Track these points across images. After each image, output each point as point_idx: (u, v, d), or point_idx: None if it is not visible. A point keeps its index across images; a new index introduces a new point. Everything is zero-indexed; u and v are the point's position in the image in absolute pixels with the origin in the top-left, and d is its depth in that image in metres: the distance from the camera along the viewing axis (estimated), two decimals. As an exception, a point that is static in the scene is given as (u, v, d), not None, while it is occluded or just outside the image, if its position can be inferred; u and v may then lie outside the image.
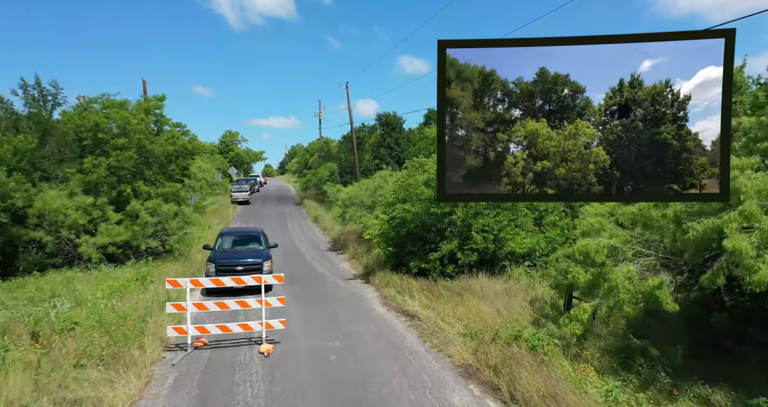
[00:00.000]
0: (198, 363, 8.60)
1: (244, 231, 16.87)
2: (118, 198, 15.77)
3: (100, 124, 15.72)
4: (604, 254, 8.14)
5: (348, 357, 8.96)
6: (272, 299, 9.61)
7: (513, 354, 8.04)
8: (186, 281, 9.06)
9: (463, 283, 13.06)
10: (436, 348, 9.55)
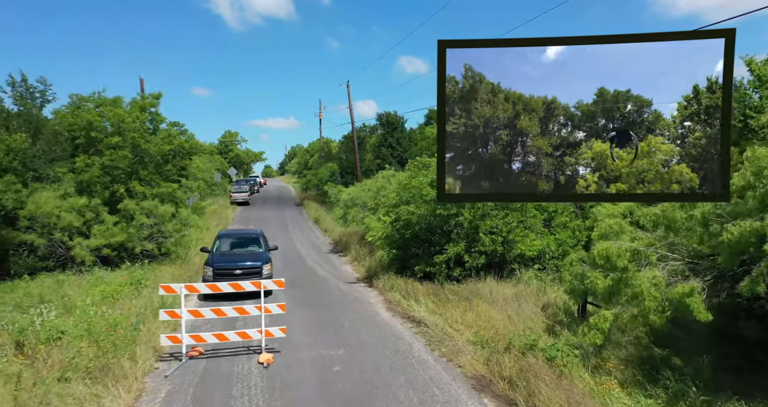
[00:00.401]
0: (193, 375, 8.07)
1: (243, 233, 16.34)
2: (112, 199, 15.24)
3: (93, 122, 15.20)
4: (627, 259, 7.62)
5: (353, 367, 8.43)
6: (272, 306, 9.08)
7: (530, 366, 7.51)
8: (181, 287, 8.54)
9: (471, 287, 12.55)
10: (445, 357, 9.03)
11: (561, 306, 10.92)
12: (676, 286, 6.94)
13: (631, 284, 7.38)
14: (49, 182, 15.01)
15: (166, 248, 16.06)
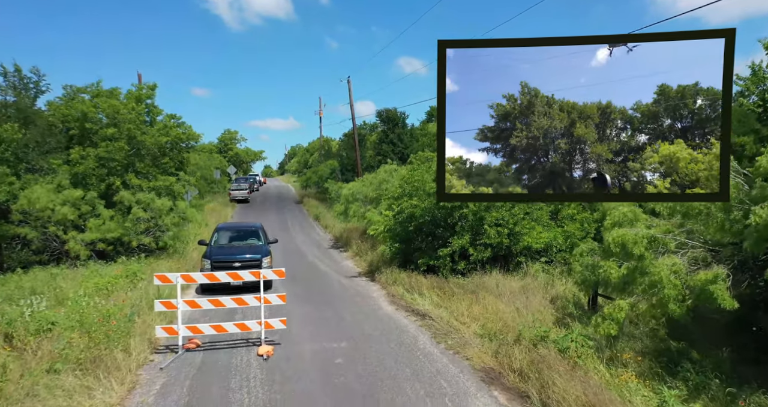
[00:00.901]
0: (189, 367, 7.72)
1: (241, 226, 15.95)
2: (108, 192, 14.89)
3: (87, 113, 14.86)
4: (644, 246, 7.28)
5: (356, 359, 8.09)
6: (272, 297, 8.74)
7: (542, 357, 7.16)
8: (176, 277, 8.19)
9: (477, 280, 12.21)
10: (452, 349, 8.68)
11: (570, 298, 10.59)
12: (697, 273, 6.61)
13: (648, 273, 7.05)
14: (43, 174, 14.65)
15: (163, 243, 15.69)
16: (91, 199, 14.20)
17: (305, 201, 39.26)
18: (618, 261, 8.08)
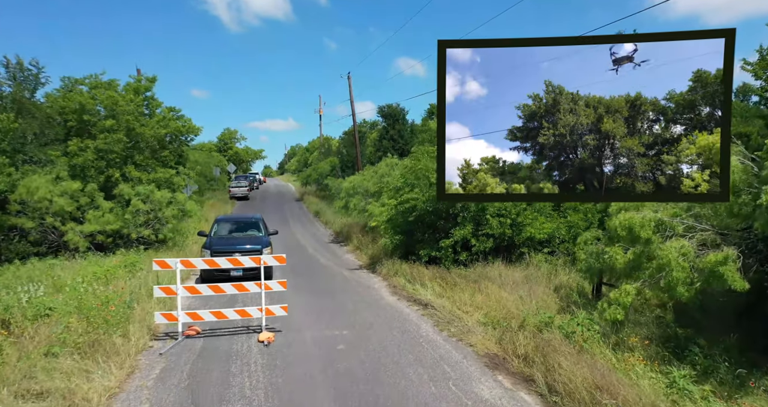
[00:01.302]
0: (189, 353, 7.60)
1: (241, 218, 15.82)
2: (107, 184, 14.77)
3: (85, 105, 14.73)
4: (651, 230, 7.17)
5: (358, 346, 7.97)
6: (273, 283, 8.64)
7: (547, 342, 7.05)
8: (176, 262, 8.08)
9: (479, 271, 12.11)
10: (454, 337, 8.57)
11: (574, 287, 10.49)
12: (706, 255, 6.50)
13: (656, 256, 6.95)
14: (41, 166, 14.52)
15: (163, 235, 15.57)
16: (90, 191, 14.07)
17: (305, 198, 39.16)
18: (624, 247, 7.98)
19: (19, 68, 15.37)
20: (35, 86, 15.73)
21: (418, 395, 6.18)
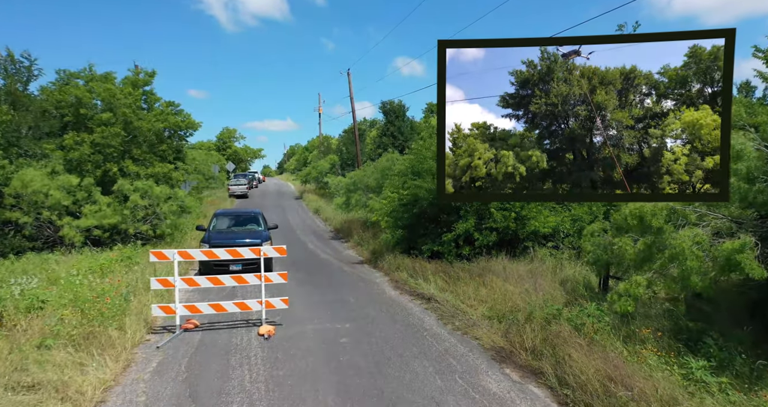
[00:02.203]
0: (187, 346, 7.39)
1: (240, 212, 15.56)
2: (104, 178, 14.52)
3: (82, 98, 14.49)
4: (663, 218, 6.96)
5: (361, 339, 7.76)
6: (273, 275, 8.42)
7: (556, 334, 6.85)
8: (173, 253, 7.86)
9: (483, 265, 11.88)
10: (459, 330, 8.37)
11: (581, 280, 10.27)
12: (722, 244, 6.28)
13: (669, 245, 6.72)
14: (37, 160, 14.27)
15: (161, 231, 15.35)
16: (87, 185, 13.83)
17: (305, 196, 38.93)
18: (633, 237, 7.77)
19: (9, 60, 15.10)
20: (28, 79, 15.44)
21: (423, 388, 5.97)
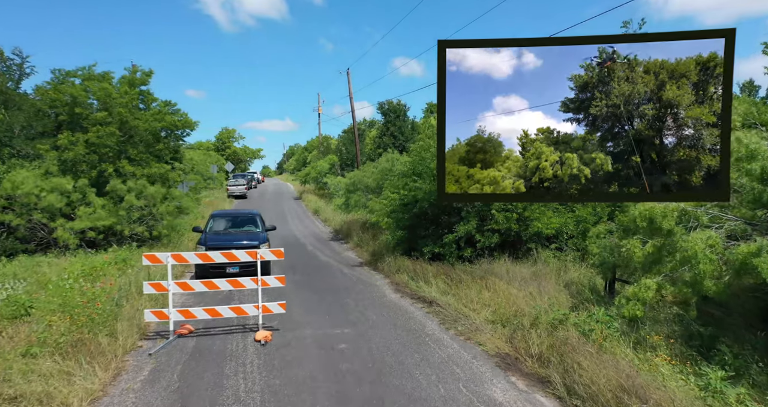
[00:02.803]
0: (181, 353, 7.12)
1: (238, 213, 15.28)
2: (99, 179, 14.25)
3: (77, 97, 14.20)
4: (674, 220, 6.70)
5: (361, 345, 7.50)
6: (270, 279, 8.15)
7: (564, 341, 6.59)
8: (167, 256, 7.59)
9: (485, 267, 11.63)
10: (462, 335, 8.11)
11: (586, 283, 10.02)
12: (736, 247, 6.04)
13: (680, 248, 6.47)
14: (30, 160, 13.99)
15: (157, 232, 15.07)
16: (81, 186, 13.55)
17: (304, 197, 38.67)
18: (641, 239, 7.52)
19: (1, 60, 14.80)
20: (19, 77, 15.14)
21: (426, 398, 5.72)
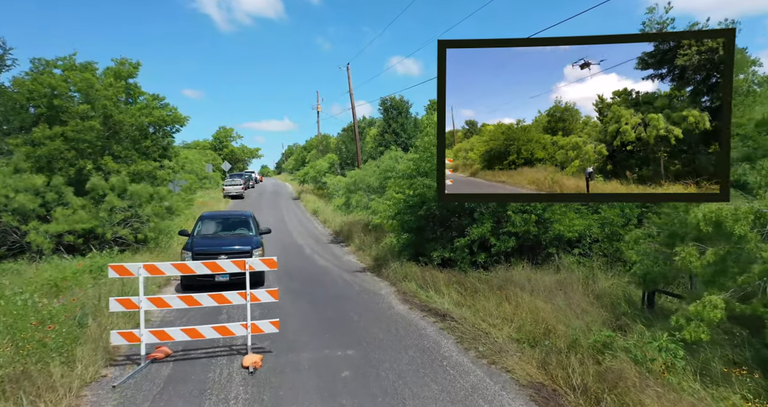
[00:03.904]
0: (152, 384, 5.95)
1: (229, 214, 14.06)
2: (79, 178, 13.06)
3: (57, 88, 13.01)
4: (748, 224, 5.53)
5: (367, 373, 6.33)
6: (261, 293, 6.97)
7: (617, 373, 5.42)
8: (138, 267, 6.41)
9: (502, 275, 10.47)
10: (484, 358, 6.94)
11: (620, 295, 8.87)
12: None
13: (758, 257, 5.30)
14: (3, 156, 12.81)
15: (143, 235, 13.86)
16: (57, 185, 12.35)
17: (302, 197, 37.49)
18: (697, 246, 6.36)
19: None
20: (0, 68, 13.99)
21: (453, 449, 4.54)
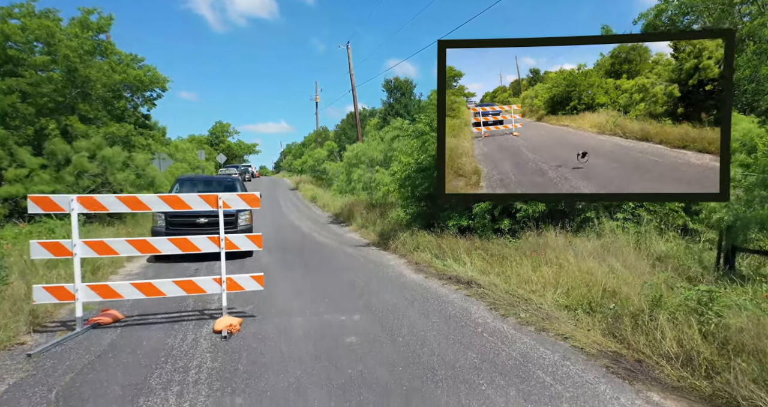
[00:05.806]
0: (85, 352, 4.31)
1: (212, 178, 12.38)
2: (41, 138, 11.41)
3: (10, 36, 11.36)
4: None
5: (380, 338, 4.71)
6: (239, 238, 5.33)
7: (737, 331, 3.79)
8: (70, 200, 4.76)
9: (533, 241, 8.85)
10: (529, 325, 5.35)
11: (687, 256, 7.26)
12: None
13: None
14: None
15: (116, 206, 12.18)
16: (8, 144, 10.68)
17: (300, 186, 35.85)
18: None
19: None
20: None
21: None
